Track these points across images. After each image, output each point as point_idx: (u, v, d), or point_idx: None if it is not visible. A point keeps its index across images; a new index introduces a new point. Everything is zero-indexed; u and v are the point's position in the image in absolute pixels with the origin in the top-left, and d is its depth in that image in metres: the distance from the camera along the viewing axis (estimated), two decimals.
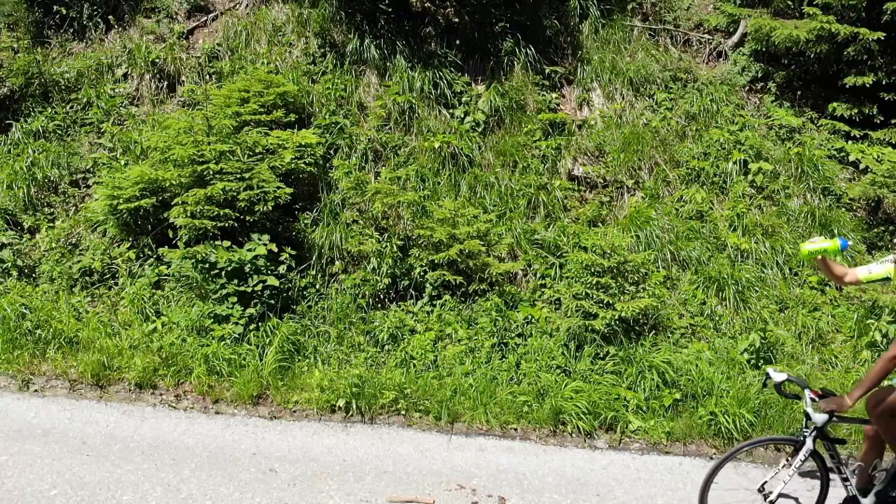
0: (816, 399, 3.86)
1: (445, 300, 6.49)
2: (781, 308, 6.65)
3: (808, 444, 3.93)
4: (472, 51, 8.33)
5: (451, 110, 7.93)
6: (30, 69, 8.13)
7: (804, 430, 3.96)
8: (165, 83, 8.32)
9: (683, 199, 7.39)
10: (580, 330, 6.03)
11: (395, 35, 8.12)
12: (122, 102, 8.15)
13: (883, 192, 7.17)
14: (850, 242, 4.00)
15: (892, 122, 7.76)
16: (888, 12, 7.43)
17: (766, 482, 4.09)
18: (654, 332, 6.22)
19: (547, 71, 8.15)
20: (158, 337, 6.06)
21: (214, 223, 6.35)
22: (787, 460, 3.99)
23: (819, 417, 3.83)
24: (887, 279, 4.03)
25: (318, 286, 6.70)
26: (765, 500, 4.04)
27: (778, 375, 4.00)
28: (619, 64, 8.31)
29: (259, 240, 6.33)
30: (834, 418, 3.85)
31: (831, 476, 4.10)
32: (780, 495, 4.00)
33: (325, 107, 7.73)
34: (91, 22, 8.71)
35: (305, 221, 7.01)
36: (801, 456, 3.92)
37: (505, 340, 6.19)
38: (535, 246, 6.95)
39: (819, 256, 3.99)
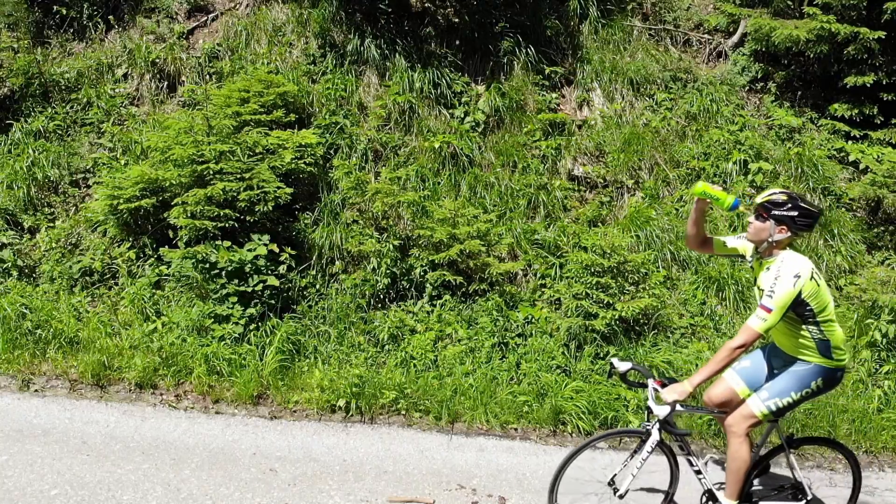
0: (659, 389, 3.73)
1: (445, 300, 6.49)
2: None
3: (654, 436, 3.80)
4: (472, 51, 8.33)
5: (451, 110, 7.93)
6: (30, 69, 8.13)
7: (646, 422, 3.87)
8: (165, 83, 8.32)
9: (683, 199, 7.39)
10: (580, 330, 6.04)
11: (395, 35, 8.12)
12: (123, 102, 8.15)
13: (883, 193, 7.17)
14: (741, 206, 3.82)
15: (893, 122, 7.75)
16: (888, 11, 7.43)
17: (615, 475, 4.01)
18: (654, 332, 6.22)
19: (547, 71, 8.15)
20: (159, 337, 6.06)
21: (214, 223, 6.35)
22: (636, 453, 3.90)
23: (660, 410, 3.69)
24: (742, 256, 3.95)
25: (318, 286, 6.70)
26: (614, 493, 3.95)
27: (622, 365, 3.91)
28: (619, 64, 8.31)
29: (259, 240, 6.33)
30: (679, 407, 3.72)
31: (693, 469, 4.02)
32: (632, 489, 3.90)
33: (326, 107, 7.73)
34: (91, 22, 8.72)
35: (305, 221, 7.02)
36: (646, 448, 3.82)
37: (505, 340, 6.19)
38: (535, 246, 6.96)
39: (707, 201, 3.80)
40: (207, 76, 8.28)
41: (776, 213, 3.61)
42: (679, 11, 9.05)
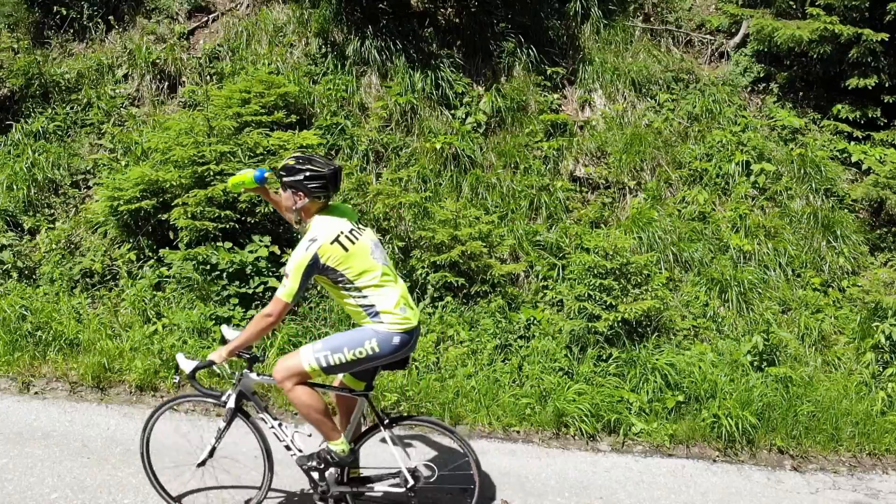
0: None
1: (447, 302, 6.46)
2: (784, 310, 6.63)
3: (229, 404, 3.69)
4: (474, 51, 8.31)
5: (452, 111, 7.91)
6: (30, 70, 8.10)
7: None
8: (166, 84, 8.29)
9: (686, 200, 7.38)
10: (583, 332, 6.02)
11: (395, 36, 8.10)
12: (123, 103, 8.13)
13: (886, 194, 7.15)
14: (266, 174, 3.77)
15: (895, 123, 7.74)
16: (891, 12, 7.41)
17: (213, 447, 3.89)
18: (656, 333, 6.20)
19: (548, 72, 8.13)
20: (159, 339, 6.03)
21: (215, 224, 6.33)
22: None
23: (186, 364, 3.57)
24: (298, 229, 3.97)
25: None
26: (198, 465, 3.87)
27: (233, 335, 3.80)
28: (620, 65, 8.29)
29: (260, 241, 6.31)
30: (234, 372, 3.68)
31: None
32: (226, 458, 3.79)
33: (327, 108, 7.71)
34: (91, 22, 8.69)
35: None
36: (223, 418, 3.72)
37: (507, 342, 6.16)
38: (537, 247, 6.93)
39: (255, 187, 3.86)
40: (208, 77, 8.26)
41: (286, 180, 3.53)
42: (681, 12, 9.03)
